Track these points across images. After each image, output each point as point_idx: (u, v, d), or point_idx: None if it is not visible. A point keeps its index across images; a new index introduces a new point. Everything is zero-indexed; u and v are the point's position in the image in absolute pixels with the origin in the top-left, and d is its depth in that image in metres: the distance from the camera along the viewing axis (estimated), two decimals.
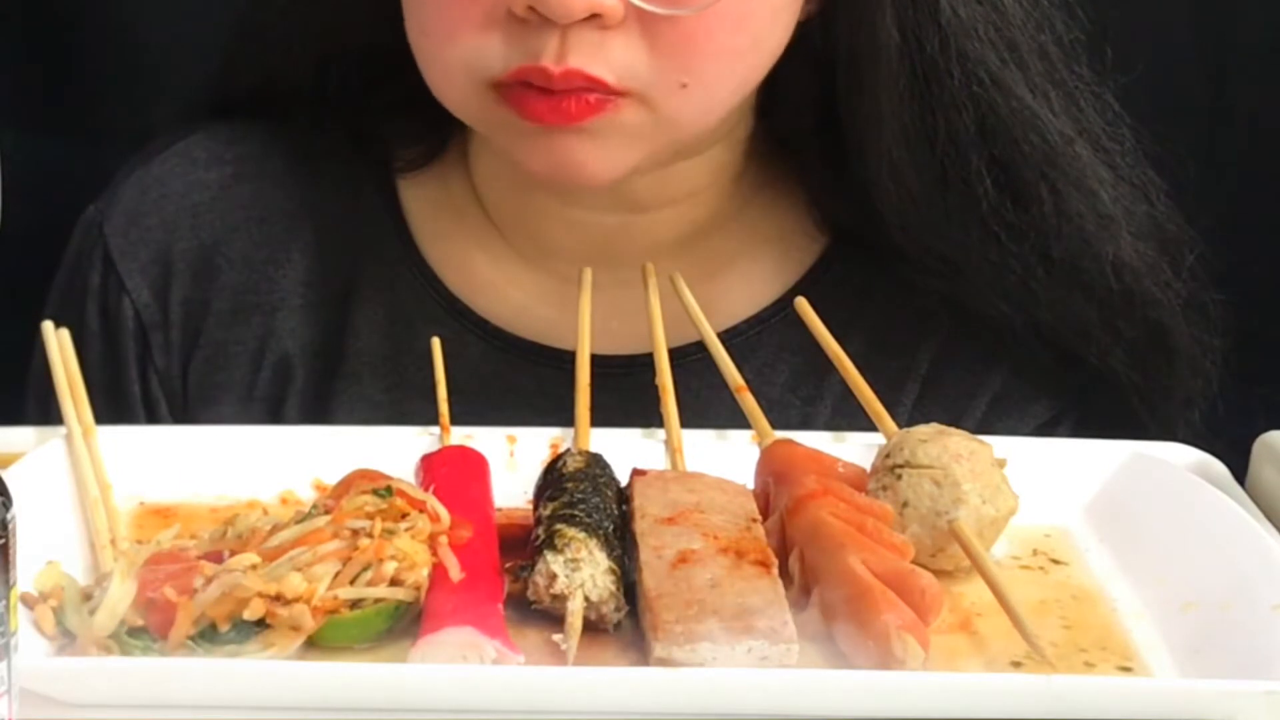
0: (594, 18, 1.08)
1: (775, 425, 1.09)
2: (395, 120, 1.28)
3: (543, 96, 1.10)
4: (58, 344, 1.10)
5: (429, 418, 1.10)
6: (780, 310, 1.26)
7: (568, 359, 1.19)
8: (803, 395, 1.25)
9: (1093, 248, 1.21)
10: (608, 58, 1.09)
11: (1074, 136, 1.22)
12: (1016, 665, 0.92)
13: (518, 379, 1.25)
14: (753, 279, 1.28)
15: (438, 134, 1.28)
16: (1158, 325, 1.24)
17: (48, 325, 1.11)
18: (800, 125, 1.25)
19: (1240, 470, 1.09)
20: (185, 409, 1.27)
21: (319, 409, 1.26)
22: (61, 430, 1.05)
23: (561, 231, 1.26)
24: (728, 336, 1.21)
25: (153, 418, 1.27)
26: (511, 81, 1.11)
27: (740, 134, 1.25)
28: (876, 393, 1.10)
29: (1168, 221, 1.25)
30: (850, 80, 1.19)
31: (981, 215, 1.20)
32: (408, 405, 1.23)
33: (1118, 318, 1.23)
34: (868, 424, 1.10)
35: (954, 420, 1.06)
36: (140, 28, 1.55)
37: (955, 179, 1.19)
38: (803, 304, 1.16)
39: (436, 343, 1.14)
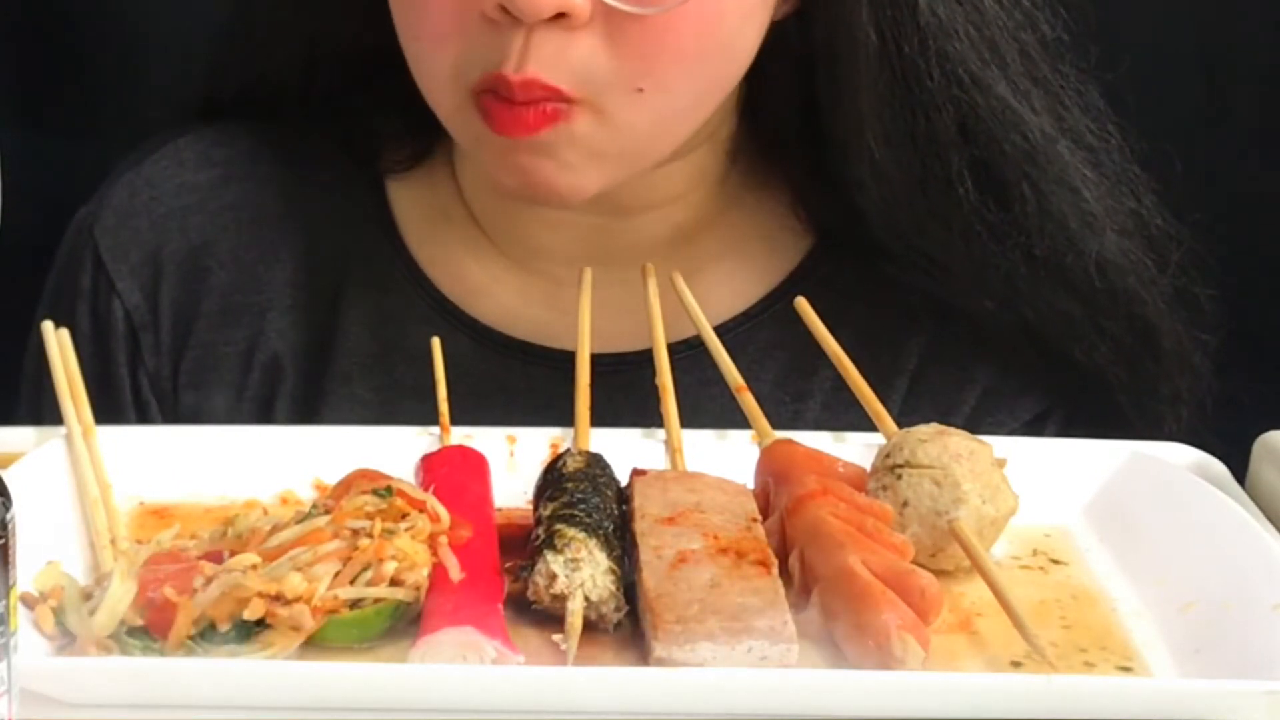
0: (561, 17, 1.07)
1: None
2: (383, 122, 1.29)
3: (506, 106, 1.10)
4: (57, 344, 1.10)
5: (419, 417, 1.10)
6: (767, 308, 1.26)
7: (558, 358, 1.20)
8: (791, 392, 1.25)
9: (1076, 245, 1.21)
10: (568, 61, 1.09)
11: (1056, 135, 1.21)
12: (1016, 665, 0.92)
13: (508, 378, 1.25)
14: (738, 278, 1.28)
15: (425, 136, 1.28)
16: (1143, 322, 1.24)
17: (48, 325, 1.11)
18: (783, 125, 1.24)
19: (1240, 470, 1.09)
20: (176, 410, 1.27)
21: (309, 409, 1.26)
22: (61, 430, 1.05)
23: (547, 233, 1.26)
24: (716, 334, 1.21)
25: (143, 419, 1.27)
26: (478, 89, 1.11)
27: (724, 135, 1.25)
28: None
29: (1154, 218, 1.25)
30: (829, 80, 1.19)
31: (964, 214, 1.20)
32: (398, 405, 1.23)
33: (1102, 315, 1.23)
34: (856, 420, 1.10)
35: (942, 416, 1.06)
36: (140, 28, 1.55)
37: (937, 179, 1.19)
38: (802, 304, 1.16)
39: (436, 343, 1.14)
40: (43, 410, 1.11)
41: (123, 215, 1.28)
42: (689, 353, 1.18)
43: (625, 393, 1.15)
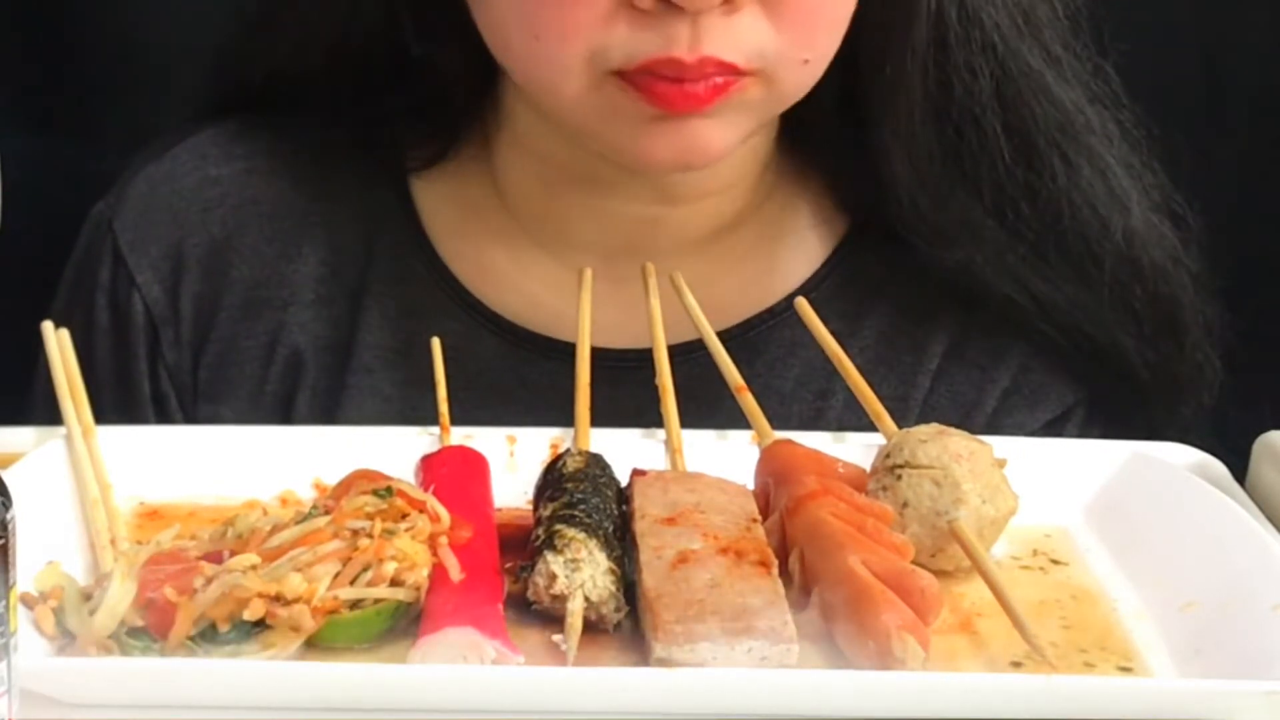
0: (724, 2, 1.08)
1: (787, 420, 1.09)
2: (406, 121, 1.28)
3: (673, 83, 1.10)
4: (58, 344, 1.10)
5: None
6: (790, 305, 1.26)
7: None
8: (815, 390, 1.25)
9: (1103, 218, 1.22)
10: (736, 40, 1.10)
11: (1085, 105, 1.22)
12: (1016, 665, 0.92)
13: (531, 373, 1.25)
14: (769, 273, 1.28)
15: (449, 133, 1.28)
16: (1169, 300, 1.24)
17: (48, 325, 1.12)
18: (819, 104, 1.24)
19: (1240, 470, 1.09)
20: (195, 404, 1.27)
21: (330, 404, 1.26)
22: (61, 430, 1.05)
23: (590, 225, 1.25)
24: (741, 330, 1.21)
25: (162, 413, 1.27)
26: (638, 71, 1.10)
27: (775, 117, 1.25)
28: (888, 387, 1.10)
29: (1172, 198, 1.26)
30: (876, 47, 1.19)
31: (995, 184, 1.20)
32: (419, 399, 1.22)
33: (1128, 292, 1.23)
34: None
35: (964, 416, 1.06)
36: (140, 28, 1.55)
37: (968, 150, 1.20)
38: (802, 304, 1.16)
39: (436, 343, 1.14)
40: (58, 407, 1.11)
41: (143, 209, 1.28)
42: (704, 351, 1.18)
43: (654, 390, 1.15)
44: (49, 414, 1.10)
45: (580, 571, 0.92)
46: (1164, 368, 1.25)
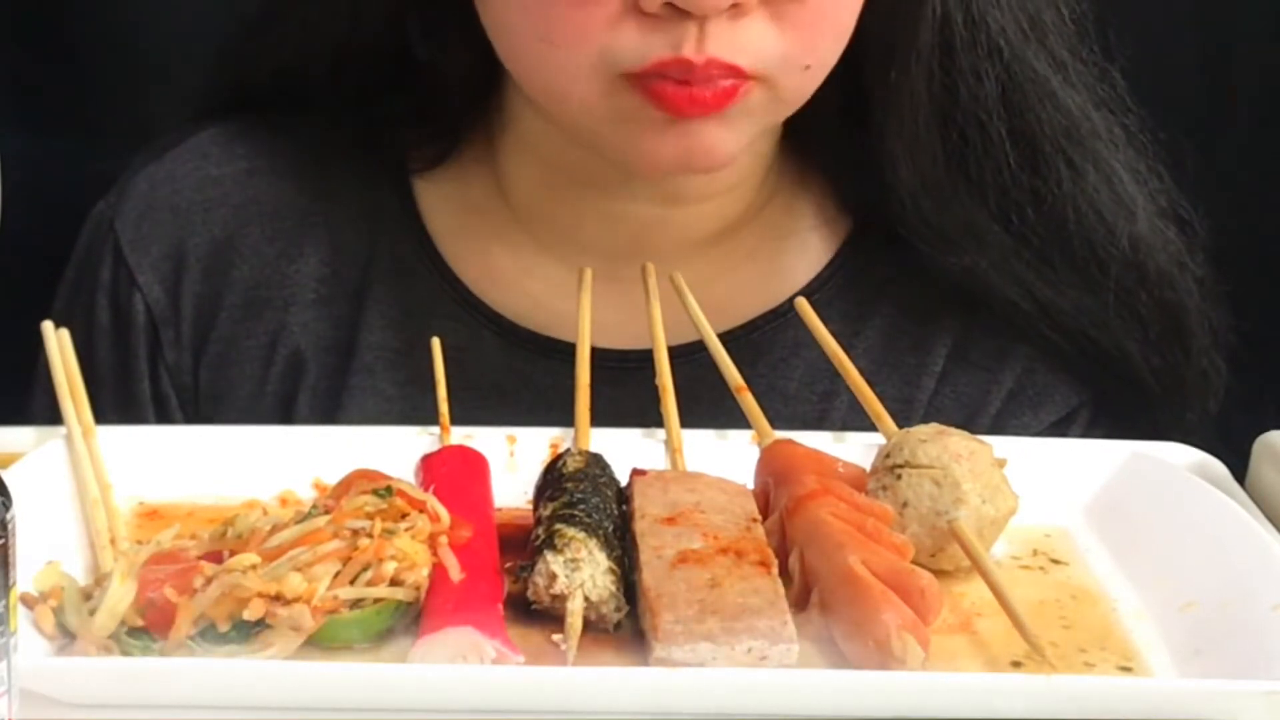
0: (733, 7, 1.09)
1: (790, 421, 1.08)
2: (408, 122, 1.28)
3: (680, 87, 1.10)
4: (58, 344, 1.10)
5: None
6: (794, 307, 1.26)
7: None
8: (819, 391, 1.25)
9: (1108, 222, 1.22)
10: (743, 44, 1.10)
11: (1091, 109, 1.22)
12: (1016, 665, 0.92)
13: (533, 374, 1.25)
14: (772, 274, 1.28)
15: (451, 134, 1.28)
16: (1174, 305, 1.24)
17: (48, 325, 1.11)
18: (824, 107, 1.24)
19: (1240, 470, 1.09)
20: (196, 405, 1.27)
21: (331, 404, 1.26)
22: (61, 430, 1.05)
23: (593, 227, 1.25)
24: (745, 331, 1.21)
25: (163, 414, 1.27)
26: (647, 72, 1.11)
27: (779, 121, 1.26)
28: (892, 388, 1.09)
29: (1179, 203, 1.26)
30: (881, 51, 1.19)
31: (1000, 189, 1.20)
32: (420, 399, 1.22)
33: (1133, 298, 1.23)
34: None
35: (969, 418, 1.05)
36: (140, 28, 1.55)
37: (973, 155, 1.20)
38: (803, 304, 1.16)
39: (436, 343, 1.14)
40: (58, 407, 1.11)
41: (144, 209, 1.28)
42: (706, 352, 1.18)
43: (652, 389, 1.15)
44: (49, 414, 1.10)
45: (580, 571, 0.92)
46: (1169, 373, 1.25)
